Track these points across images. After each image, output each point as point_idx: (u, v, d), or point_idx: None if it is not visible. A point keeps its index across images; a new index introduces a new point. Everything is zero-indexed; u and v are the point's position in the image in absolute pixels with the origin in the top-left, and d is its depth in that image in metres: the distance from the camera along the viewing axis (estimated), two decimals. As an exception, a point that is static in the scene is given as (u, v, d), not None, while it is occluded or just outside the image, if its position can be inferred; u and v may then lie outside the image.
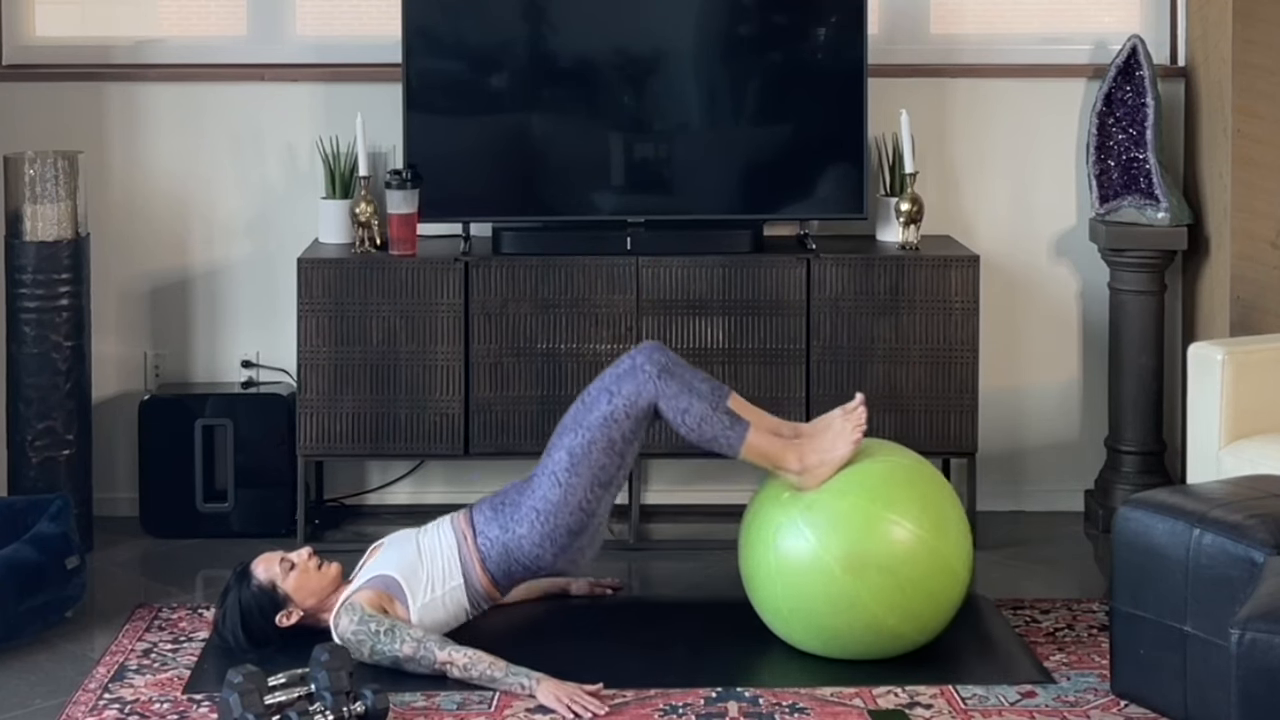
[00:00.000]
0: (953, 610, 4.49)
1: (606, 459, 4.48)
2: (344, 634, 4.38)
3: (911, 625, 4.41)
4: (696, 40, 5.48)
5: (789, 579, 4.42)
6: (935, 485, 4.52)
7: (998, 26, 5.81)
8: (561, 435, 4.53)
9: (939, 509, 4.46)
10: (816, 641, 4.47)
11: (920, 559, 4.39)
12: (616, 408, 4.47)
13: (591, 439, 4.47)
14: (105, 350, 5.65)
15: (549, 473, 4.50)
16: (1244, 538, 3.83)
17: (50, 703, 4.28)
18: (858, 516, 4.39)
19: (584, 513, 4.49)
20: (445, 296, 5.30)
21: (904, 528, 4.38)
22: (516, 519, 4.51)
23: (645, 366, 4.49)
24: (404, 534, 4.66)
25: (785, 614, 4.47)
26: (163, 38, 5.78)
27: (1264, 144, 5.32)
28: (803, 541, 4.39)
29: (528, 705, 4.20)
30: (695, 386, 4.49)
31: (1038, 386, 5.78)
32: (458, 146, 5.43)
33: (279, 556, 4.57)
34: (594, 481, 4.48)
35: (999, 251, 5.72)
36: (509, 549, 4.51)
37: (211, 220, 5.72)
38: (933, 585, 4.41)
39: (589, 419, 4.48)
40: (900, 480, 4.48)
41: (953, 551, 4.44)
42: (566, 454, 4.48)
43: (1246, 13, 5.30)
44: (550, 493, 4.48)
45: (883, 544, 4.37)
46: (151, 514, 5.55)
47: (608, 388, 4.50)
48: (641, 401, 4.47)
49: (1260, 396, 4.76)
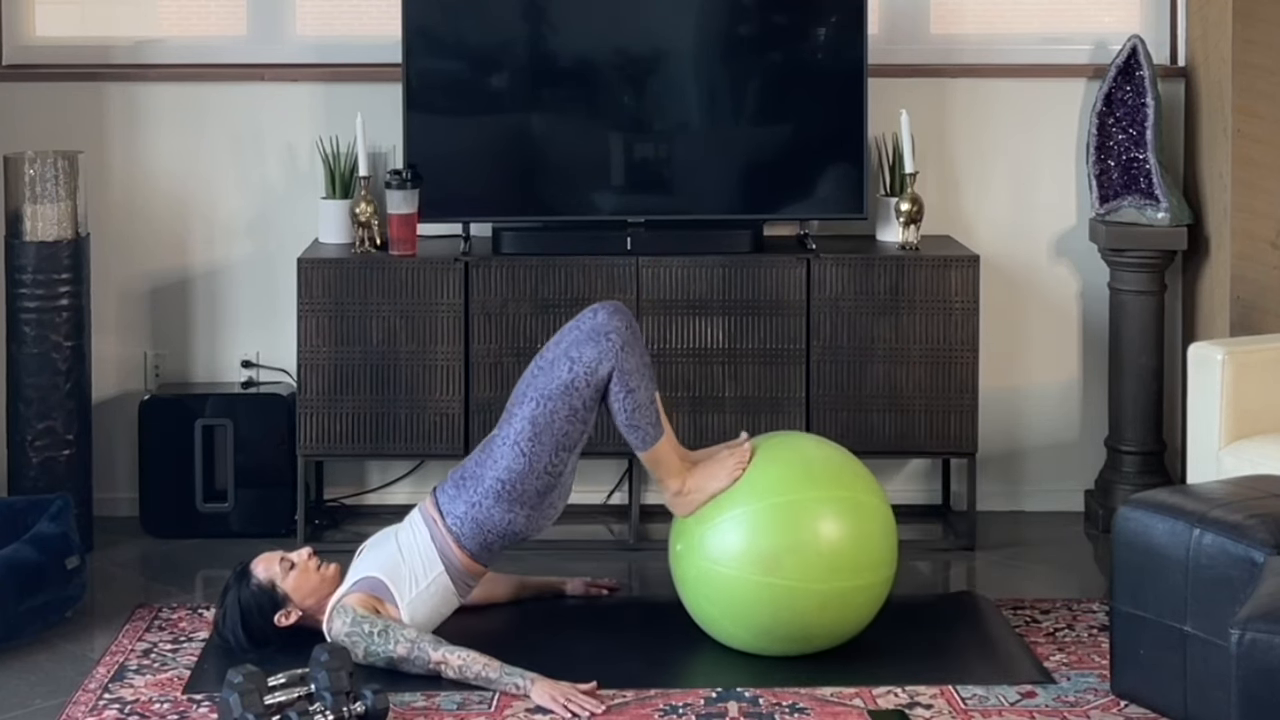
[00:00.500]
0: (888, 543, 4.48)
1: (569, 425, 4.47)
2: (337, 636, 4.38)
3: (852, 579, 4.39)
4: (696, 40, 5.48)
5: (721, 602, 4.44)
6: (797, 447, 4.54)
7: (998, 26, 5.81)
8: (522, 403, 4.49)
9: (807, 465, 4.48)
10: (793, 645, 4.46)
11: (819, 517, 4.40)
12: (577, 375, 4.44)
13: (554, 408, 4.45)
14: (105, 350, 5.65)
15: (511, 442, 4.48)
16: (1244, 538, 3.83)
17: (50, 703, 4.28)
18: (746, 522, 4.40)
19: (550, 475, 4.49)
20: (445, 296, 5.30)
21: (788, 500, 4.40)
22: (481, 491, 4.49)
23: (610, 335, 4.45)
24: (384, 534, 4.65)
25: (744, 634, 4.48)
26: (163, 38, 5.78)
27: (1264, 144, 5.32)
28: (716, 566, 4.41)
29: (528, 705, 4.20)
30: (646, 369, 4.49)
31: (1038, 386, 5.78)
32: (458, 146, 5.43)
33: (279, 556, 4.56)
34: (557, 447, 4.47)
35: (999, 251, 5.72)
36: (480, 522, 4.49)
37: (211, 220, 5.72)
38: (851, 536, 4.41)
39: (550, 387, 4.45)
40: (768, 460, 4.48)
41: (878, 520, 4.45)
42: (529, 424, 4.46)
43: (1246, 13, 5.30)
44: (514, 463, 4.47)
45: (780, 533, 4.38)
46: (151, 514, 5.55)
47: (568, 353, 4.46)
48: (602, 370, 4.44)
49: (1260, 396, 4.76)
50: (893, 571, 4.50)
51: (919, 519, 5.58)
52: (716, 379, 5.29)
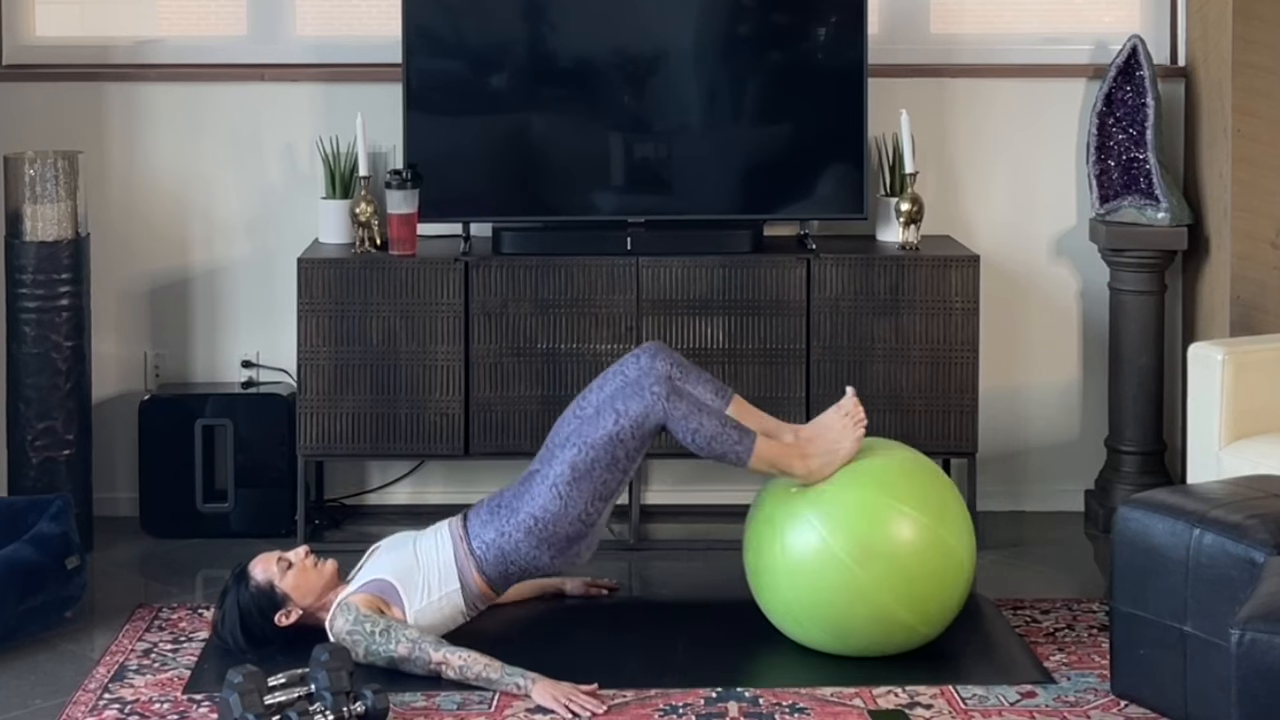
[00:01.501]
0: (959, 601, 4.50)
1: (609, 475, 4.47)
2: (339, 633, 4.38)
3: (918, 616, 4.41)
4: (696, 40, 5.48)
5: (797, 573, 4.42)
6: (938, 479, 4.55)
7: (998, 26, 5.81)
8: (564, 447, 4.50)
9: (943, 501, 4.49)
10: (824, 635, 4.47)
11: (927, 549, 4.40)
12: (623, 428, 4.45)
13: (595, 457, 4.45)
14: (105, 350, 5.65)
15: (549, 483, 4.49)
16: (1244, 538, 3.83)
17: (50, 703, 4.28)
18: (865, 508, 4.40)
19: (583, 523, 4.49)
20: (445, 296, 5.30)
21: (911, 518, 4.40)
22: (514, 524, 4.50)
23: (654, 387, 4.45)
24: (401, 537, 4.66)
25: (793, 609, 4.47)
26: (163, 38, 5.78)
27: (1264, 144, 5.32)
28: (811, 534, 4.40)
29: (528, 705, 4.20)
30: (703, 402, 4.49)
31: (1038, 386, 5.78)
32: (458, 146, 5.43)
33: (276, 556, 4.56)
34: (595, 495, 4.47)
35: (999, 251, 5.72)
36: (505, 553, 4.51)
37: (211, 220, 5.72)
38: (939, 575, 4.42)
39: (594, 436, 4.46)
40: (905, 473, 4.50)
41: (958, 542, 4.46)
42: (569, 468, 4.47)
43: (1246, 13, 5.30)
44: (550, 503, 4.47)
45: (890, 535, 4.39)
46: (151, 514, 5.55)
47: (614, 406, 4.46)
48: (649, 423, 4.45)
49: (1260, 396, 4.76)
50: (938, 633, 4.51)
51: (919, 519, 5.58)
52: (717, 379, 5.29)
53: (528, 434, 5.30)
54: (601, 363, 5.24)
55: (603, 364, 5.24)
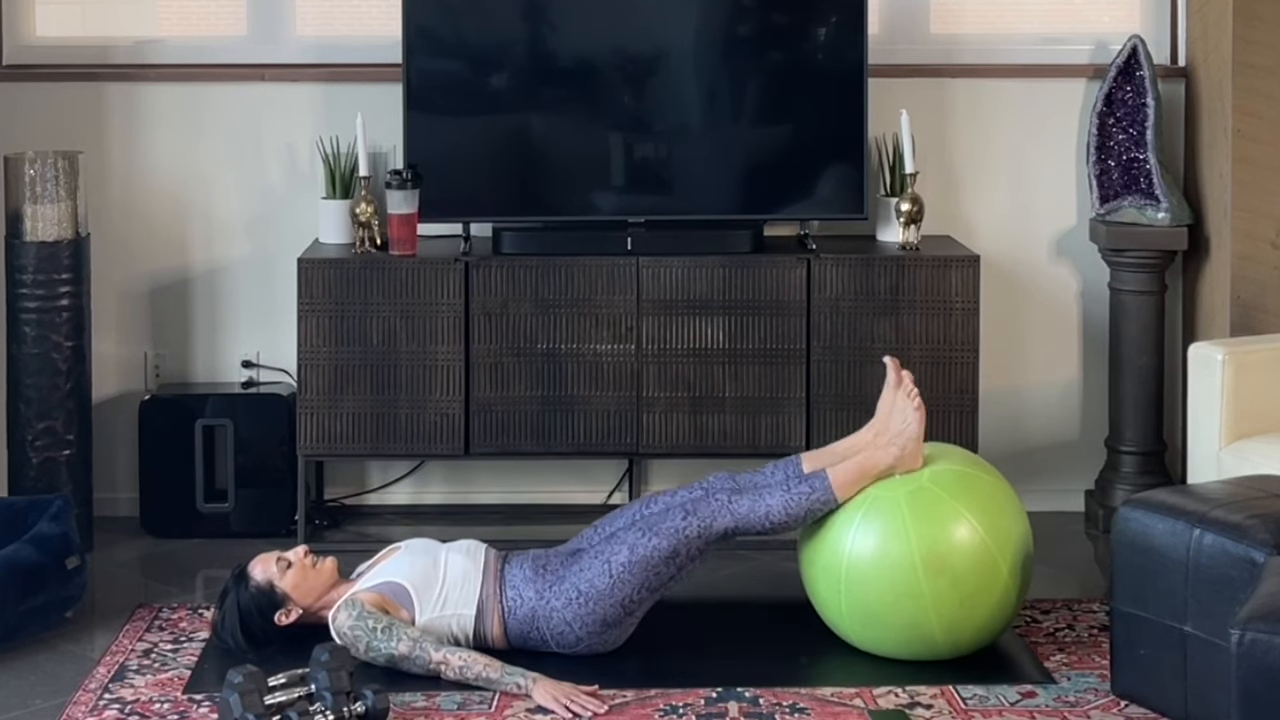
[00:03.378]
0: (989, 641, 4.50)
1: (665, 568, 4.46)
2: (340, 629, 4.38)
3: (949, 639, 4.41)
4: (696, 40, 5.48)
5: (863, 551, 4.41)
6: (1025, 525, 4.53)
7: (998, 26, 5.81)
8: (629, 529, 4.49)
9: (1024, 551, 4.49)
10: (855, 624, 4.46)
11: (991, 586, 4.40)
12: (690, 526, 4.45)
13: (657, 545, 4.44)
14: (105, 350, 5.65)
15: (604, 560, 4.46)
16: (1244, 538, 3.83)
17: (50, 703, 4.28)
18: (957, 522, 4.39)
19: (624, 610, 4.47)
20: (445, 296, 5.30)
21: (990, 552, 4.39)
22: (556, 591, 4.46)
23: (718, 494, 4.50)
24: (428, 544, 4.62)
25: (839, 587, 4.45)
26: (163, 38, 5.78)
27: (1264, 144, 5.32)
28: (897, 523, 4.39)
29: (528, 705, 4.20)
30: (763, 485, 4.53)
31: (1038, 386, 5.78)
32: (458, 146, 5.43)
33: (275, 556, 4.56)
34: (645, 584, 4.46)
35: (999, 251, 5.72)
36: (537, 615, 4.46)
37: (211, 220, 5.72)
38: (989, 612, 4.42)
39: (663, 526, 4.46)
40: (1004, 508, 4.49)
41: (1016, 593, 4.46)
42: (628, 550, 4.45)
43: (1246, 13, 5.30)
44: (599, 580, 4.45)
45: (966, 556, 4.37)
46: (151, 514, 5.55)
47: (683, 507, 4.49)
48: (717, 526, 4.46)
49: (1260, 396, 4.76)
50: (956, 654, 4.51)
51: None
52: (716, 379, 5.29)
53: (528, 434, 5.30)
54: (602, 363, 5.25)
55: (603, 364, 5.25)
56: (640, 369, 5.30)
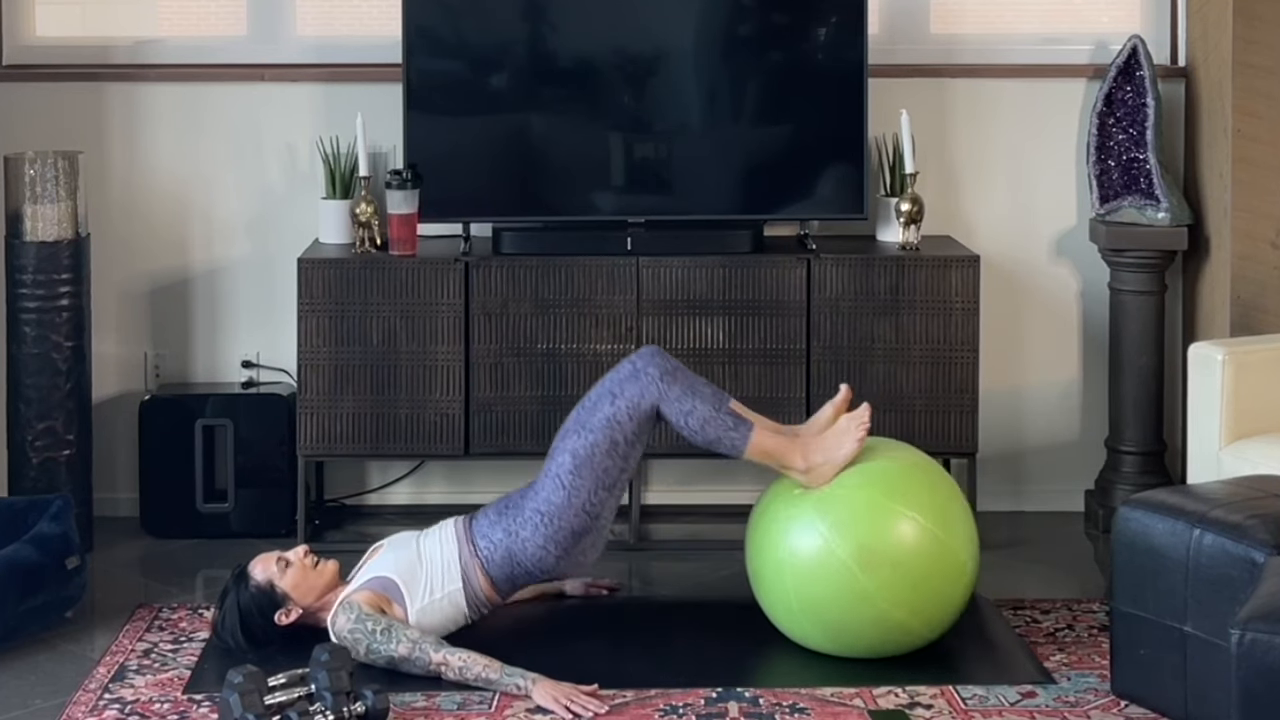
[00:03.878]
0: (960, 606, 4.49)
1: (610, 461, 4.48)
2: (340, 632, 4.39)
3: (920, 620, 4.41)
4: (696, 40, 5.48)
5: (799, 574, 4.42)
6: (943, 482, 4.54)
7: (998, 26, 5.81)
8: (564, 438, 4.53)
9: (947, 505, 4.48)
10: (823, 637, 4.47)
11: (931, 554, 4.40)
12: (619, 409, 4.47)
13: (595, 441, 4.47)
14: (105, 350, 5.65)
15: (552, 475, 4.50)
16: (1244, 538, 3.83)
17: (50, 703, 4.28)
18: (871, 511, 4.40)
19: (588, 515, 4.49)
20: (445, 296, 5.30)
21: (915, 523, 4.39)
22: (520, 522, 4.51)
23: (648, 370, 4.49)
24: (404, 536, 4.66)
25: (794, 609, 4.47)
26: (163, 38, 5.78)
27: (1264, 144, 5.32)
28: (815, 537, 4.39)
29: (528, 706, 4.20)
30: (698, 389, 4.50)
31: (1038, 386, 5.78)
32: (458, 146, 5.43)
33: (275, 556, 4.57)
34: (598, 484, 4.48)
35: (999, 251, 5.72)
36: (512, 552, 4.51)
37: (211, 220, 5.72)
38: (942, 581, 4.42)
39: (592, 421, 4.48)
40: (910, 476, 4.49)
41: (961, 547, 4.45)
42: (570, 456, 4.48)
43: (1246, 13, 5.30)
44: (554, 495, 4.48)
45: (895, 539, 4.38)
46: (151, 514, 5.55)
47: (610, 391, 4.50)
48: (644, 404, 4.47)
49: (1260, 396, 4.76)
50: (936, 637, 4.51)
51: (919, 519, 5.58)
52: (716, 379, 5.29)
53: (528, 434, 5.30)
54: (602, 363, 5.24)
55: (603, 364, 5.24)
56: (640, 369, 5.29)
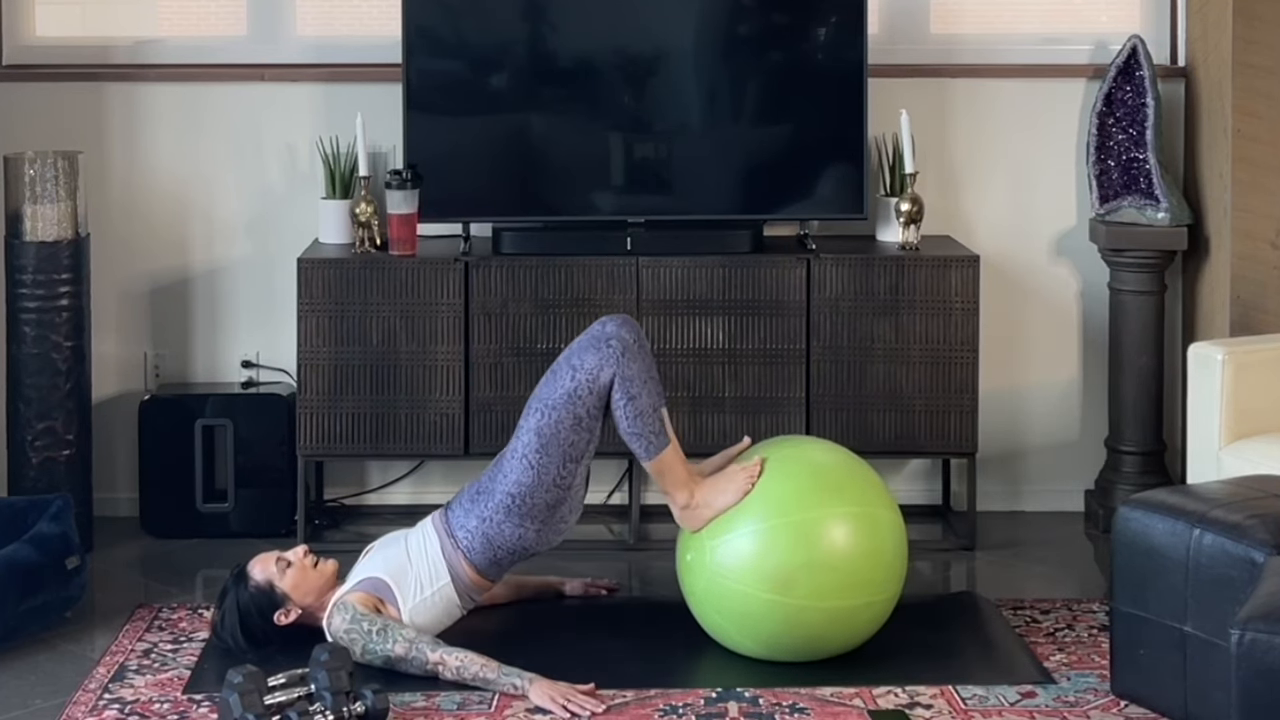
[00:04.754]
0: (903, 557, 4.46)
1: (575, 435, 4.47)
2: (336, 632, 4.39)
3: (866, 595, 4.36)
4: (696, 40, 5.48)
5: (732, 617, 4.41)
6: (808, 457, 4.47)
7: (998, 26, 5.81)
8: (528, 415, 4.51)
9: (819, 478, 4.41)
10: (800, 654, 4.44)
11: (852, 537, 4.35)
12: (580, 384, 4.44)
13: (558, 418, 4.45)
14: (105, 350, 5.65)
15: (519, 456, 4.48)
16: (1244, 538, 3.83)
17: (50, 703, 4.28)
18: (758, 539, 4.35)
19: (559, 488, 4.49)
20: (445, 296, 5.30)
21: (801, 518, 4.33)
22: (492, 507, 4.50)
23: (612, 341, 4.45)
24: (393, 536, 4.66)
25: (750, 646, 4.45)
26: (163, 38, 5.78)
27: (1264, 144, 5.32)
28: (728, 583, 4.37)
29: (528, 706, 4.20)
30: (650, 380, 4.47)
31: (1038, 386, 5.78)
32: (458, 146, 5.43)
33: (275, 556, 4.56)
34: (565, 458, 4.47)
35: (999, 251, 5.72)
36: (490, 537, 4.50)
37: (211, 220, 5.72)
38: (871, 551, 4.37)
39: (553, 396, 4.46)
40: (780, 474, 4.41)
41: (889, 527, 4.40)
42: (535, 435, 4.47)
43: (1246, 13, 5.30)
44: (523, 476, 4.47)
45: (793, 552, 4.33)
46: (151, 514, 5.55)
47: (570, 361, 4.47)
48: (603, 376, 4.44)
49: (1260, 396, 4.76)
50: (901, 585, 4.48)
51: (919, 519, 5.58)
52: (716, 379, 5.29)
53: (528, 434, 5.30)
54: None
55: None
56: (640, 369, 5.29)
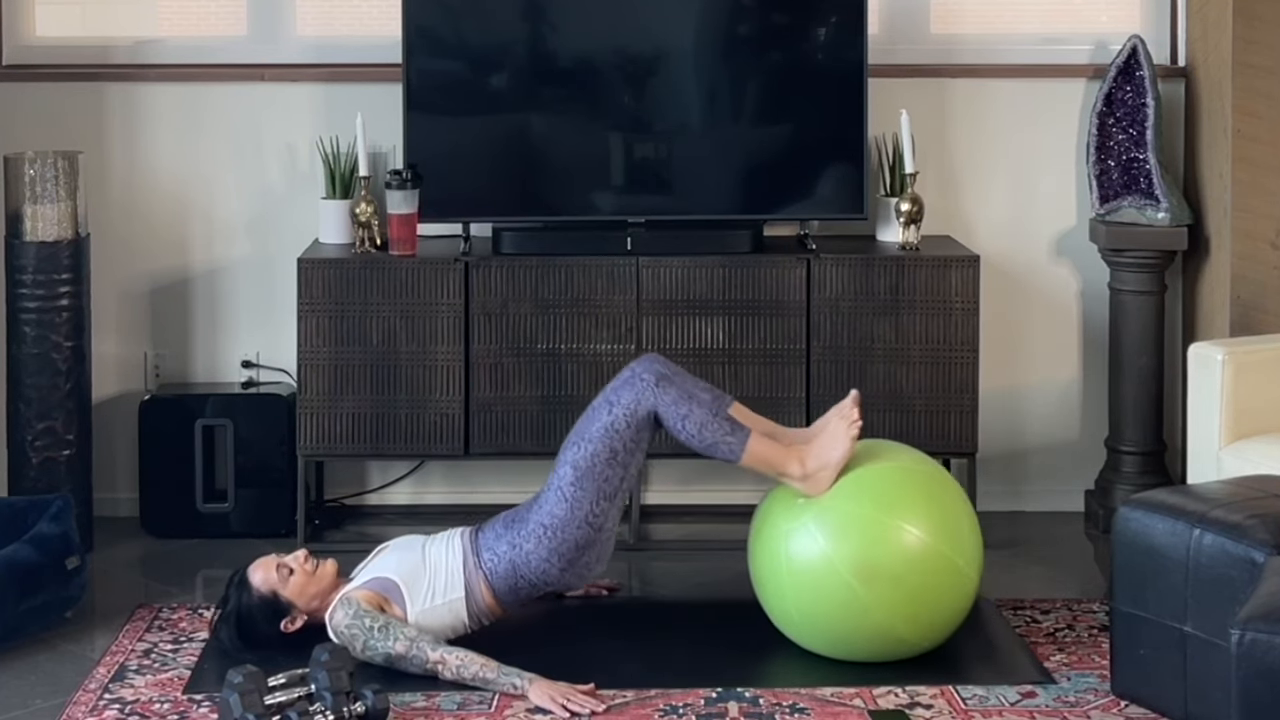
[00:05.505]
0: (961, 616, 4.48)
1: (610, 470, 4.47)
2: (338, 627, 4.38)
3: (919, 632, 4.40)
4: (696, 40, 5.48)
5: (799, 584, 4.41)
6: (945, 488, 4.50)
7: (998, 26, 5.81)
8: (565, 449, 4.52)
9: (950, 514, 4.44)
10: (823, 644, 4.46)
11: (931, 567, 4.37)
12: (616, 417, 4.46)
13: (594, 451, 4.46)
14: (105, 350, 5.65)
15: (554, 487, 4.49)
16: (1244, 538, 3.83)
17: (50, 703, 4.28)
18: (870, 525, 4.37)
19: (591, 526, 4.48)
20: (445, 296, 5.30)
21: (915, 535, 4.36)
22: (524, 535, 4.49)
23: (643, 375, 4.48)
24: (411, 539, 4.65)
25: (794, 617, 4.46)
26: (163, 38, 5.78)
27: (1264, 144, 5.32)
28: (815, 547, 4.38)
29: (528, 705, 4.20)
30: (695, 394, 4.48)
31: (1038, 386, 5.78)
32: (458, 146, 5.43)
33: (275, 562, 4.54)
34: (599, 494, 4.47)
35: (999, 251, 5.72)
36: (516, 565, 4.50)
37: (211, 220, 5.72)
38: (942, 593, 4.40)
39: (590, 431, 4.48)
40: (911, 485, 4.45)
41: (963, 557, 4.43)
42: (571, 468, 4.47)
43: (1246, 13, 5.30)
44: (556, 508, 4.47)
45: (894, 552, 4.35)
46: (151, 514, 5.55)
47: (607, 399, 4.50)
48: (641, 410, 4.46)
49: (1260, 396, 4.76)
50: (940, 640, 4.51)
51: (919, 519, 5.58)
52: (716, 379, 5.29)
53: (528, 434, 5.30)
54: (601, 363, 5.25)
55: (603, 364, 5.25)
56: (640, 369, 5.29)
